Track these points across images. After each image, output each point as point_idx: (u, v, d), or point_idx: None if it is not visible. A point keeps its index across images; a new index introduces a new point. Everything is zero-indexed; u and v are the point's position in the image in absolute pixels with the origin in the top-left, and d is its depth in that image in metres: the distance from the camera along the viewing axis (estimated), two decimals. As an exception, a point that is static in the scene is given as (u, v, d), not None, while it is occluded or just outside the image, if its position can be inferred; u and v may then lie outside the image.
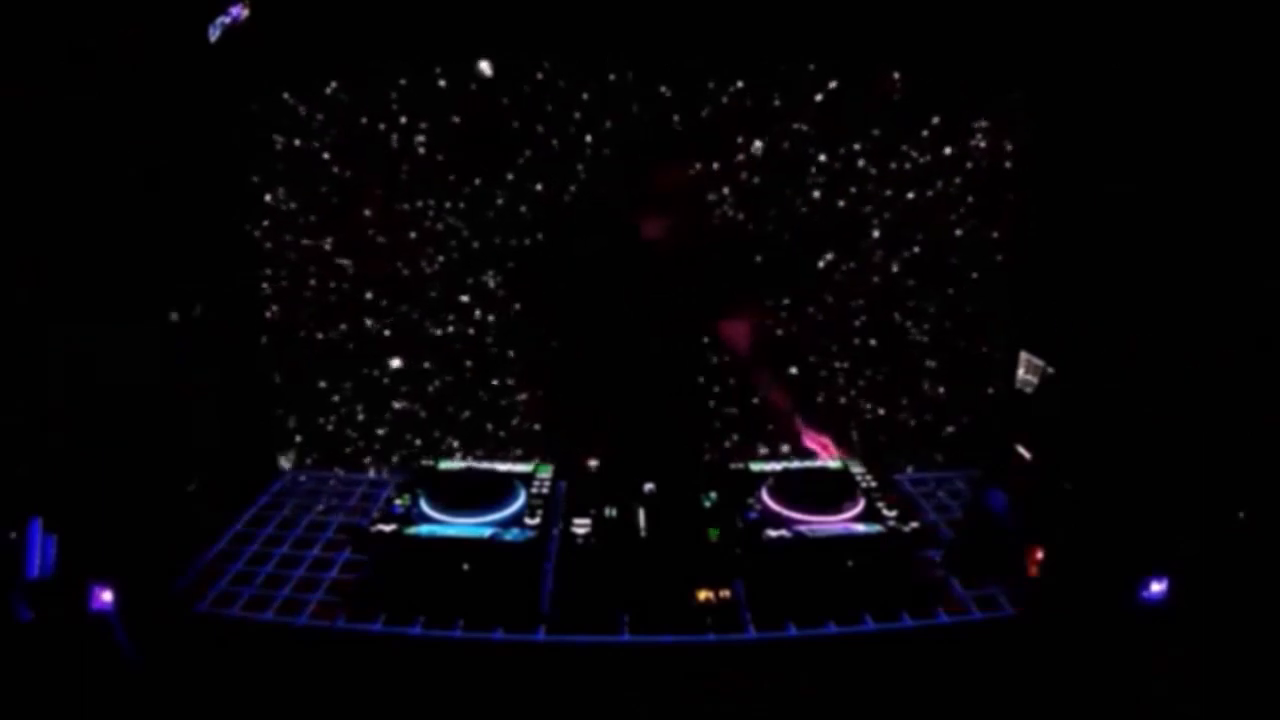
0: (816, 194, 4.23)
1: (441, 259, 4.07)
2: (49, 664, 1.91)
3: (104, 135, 2.67)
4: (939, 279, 4.02)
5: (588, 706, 1.92)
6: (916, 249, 4.08)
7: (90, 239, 2.66)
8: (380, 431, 3.99)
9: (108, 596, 1.91)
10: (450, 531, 2.06)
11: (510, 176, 4.11)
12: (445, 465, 2.41)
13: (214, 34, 2.68)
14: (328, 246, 3.81)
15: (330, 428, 3.70)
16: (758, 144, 3.81)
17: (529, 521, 2.12)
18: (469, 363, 4.29)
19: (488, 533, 2.05)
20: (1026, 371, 2.46)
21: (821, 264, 4.35)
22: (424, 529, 2.07)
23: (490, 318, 4.42)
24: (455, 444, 3.97)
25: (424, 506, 2.14)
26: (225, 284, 3.19)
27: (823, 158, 4.15)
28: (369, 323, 3.99)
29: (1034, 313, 3.52)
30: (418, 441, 3.61)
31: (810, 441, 2.64)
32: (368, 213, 3.92)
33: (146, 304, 2.75)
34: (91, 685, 1.91)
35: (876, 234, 4.19)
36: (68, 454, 2.24)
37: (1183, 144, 3.06)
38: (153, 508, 2.22)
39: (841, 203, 4.23)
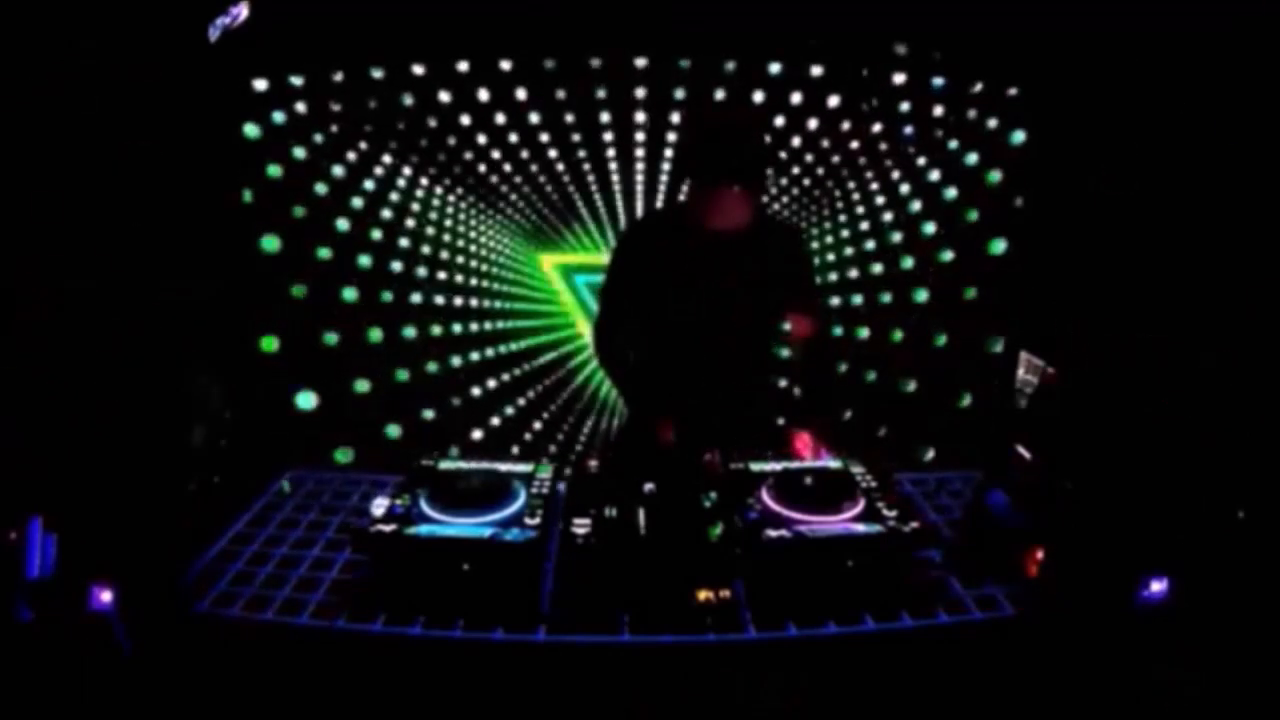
0: (819, 191, 4.25)
1: (427, 250, 4.09)
2: (49, 664, 1.91)
3: (106, 135, 2.67)
4: (944, 276, 4.03)
5: (588, 706, 1.92)
6: (925, 248, 4.09)
7: (91, 238, 2.66)
8: (376, 433, 4.00)
9: (108, 596, 1.91)
10: (450, 531, 2.06)
11: (509, 168, 4.13)
12: (445, 465, 2.41)
13: (214, 34, 2.69)
14: (321, 245, 3.83)
15: (321, 429, 3.72)
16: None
17: (529, 521, 2.12)
18: (458, 361, 4.31)
19: (488, 533, 2.04)
20: (1026, 371, 2.46)
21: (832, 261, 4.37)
22: (424, 529, 2.07)
23: (486, 322, 4.45)
24: (451, 449, 3.98)
25: (424, 506, 2.14)
26: (224, 283, 3.20)
27: (832, 157, 4.17)
28: (363, 324, 4.02)
29: (1034, 313, 3.52)
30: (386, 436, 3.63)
31: (800, 445, 2.64)
32: (357, 208, 3.94)
33: (148, 303, 2.75)
34: (91, 685, 1.91)
35: (887, 232, 4.21)
36: (68, 454, 2.24)
37: (1185, 144, 3.06)
38: (153, 508, 2.22)
39: (846, 198, 4.24)
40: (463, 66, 3.84)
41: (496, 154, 4.20)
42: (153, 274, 2.76)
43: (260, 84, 3.50)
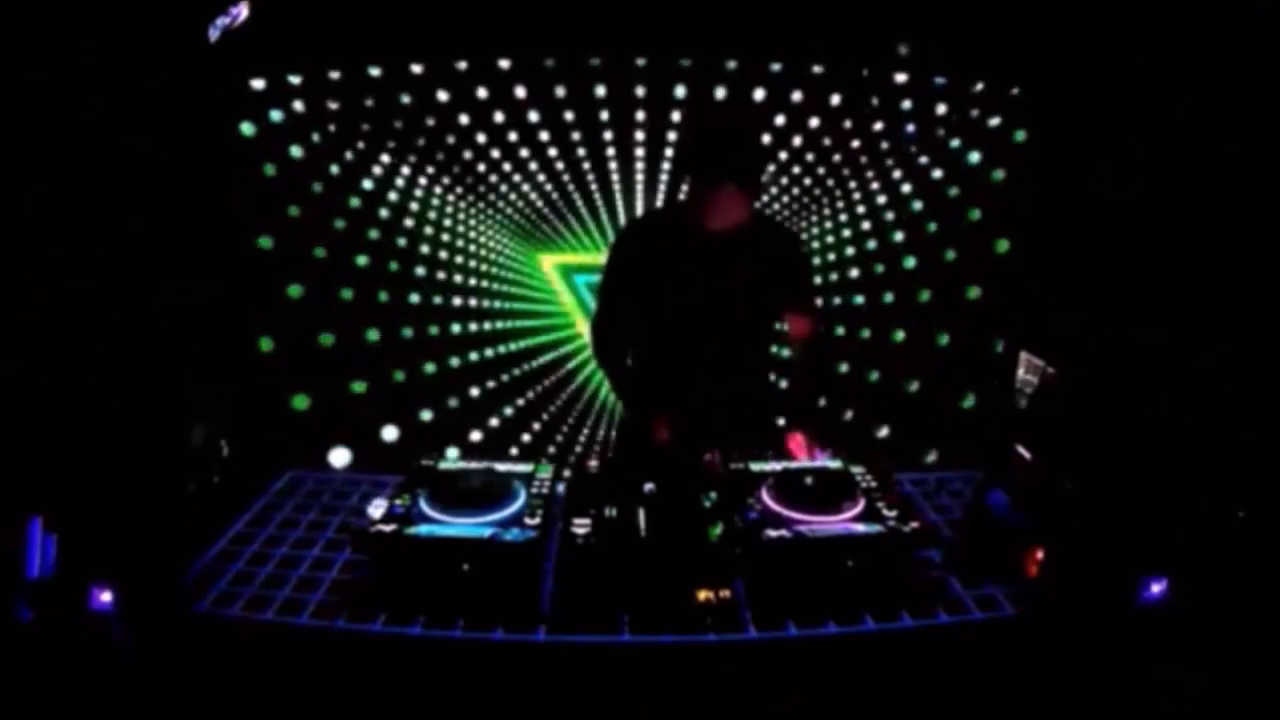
0: (818, 192, 4.25)
1: (426, 250, 4.09)
2: (49, 664, 1.91)
3: (105, 135, 2.67)
4: (945, 276, 4.03)
5: (588, 706, 1.92)
6: (923, 246, 4.10)
7: (91, 238, 2.66)
8: (374, 434, 4.00)
9: (108, 597, 1.91)
10: (450, 531, 2.06)
11: (508, 167, 4.13)
12: (445, 465, 2.41)
13: (214, 34, 2.68)
14: (317, 245, 3.84)
15: (320, 430, 3.72)
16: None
17: (529, 521, 2.11)
18: (455, 361, 4.31)
19: (488, 533, 2.04)
20: (1026, 371, 2.46)
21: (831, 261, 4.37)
22: (423, 529, 2.06)
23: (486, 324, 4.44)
24: (451, 451, 3.98)
25: (423, 506, 2.14)
26: (223, 283, 3.20)
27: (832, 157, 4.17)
28: (361, 325, 4.02)
29: (1034, 312, 3.52)
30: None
31: (794, 445, 2.64)
32: (356, 208, 3.94)
33: (149, 302, 2.75)
34: (91, 685, 1.91)
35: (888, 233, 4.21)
36: (68, 454, 2.24)
37: (1186, 141, 3.06)
38: (153, 508, 2.22)
39: (846, 198, 4.25)
40: (461, 65, 3.83)
41: (496, 153, 4.19)
42: (152, 274, 2.76)
43: (258, 83, 3.50)
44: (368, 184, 4.03)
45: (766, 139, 4.11)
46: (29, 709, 1.88)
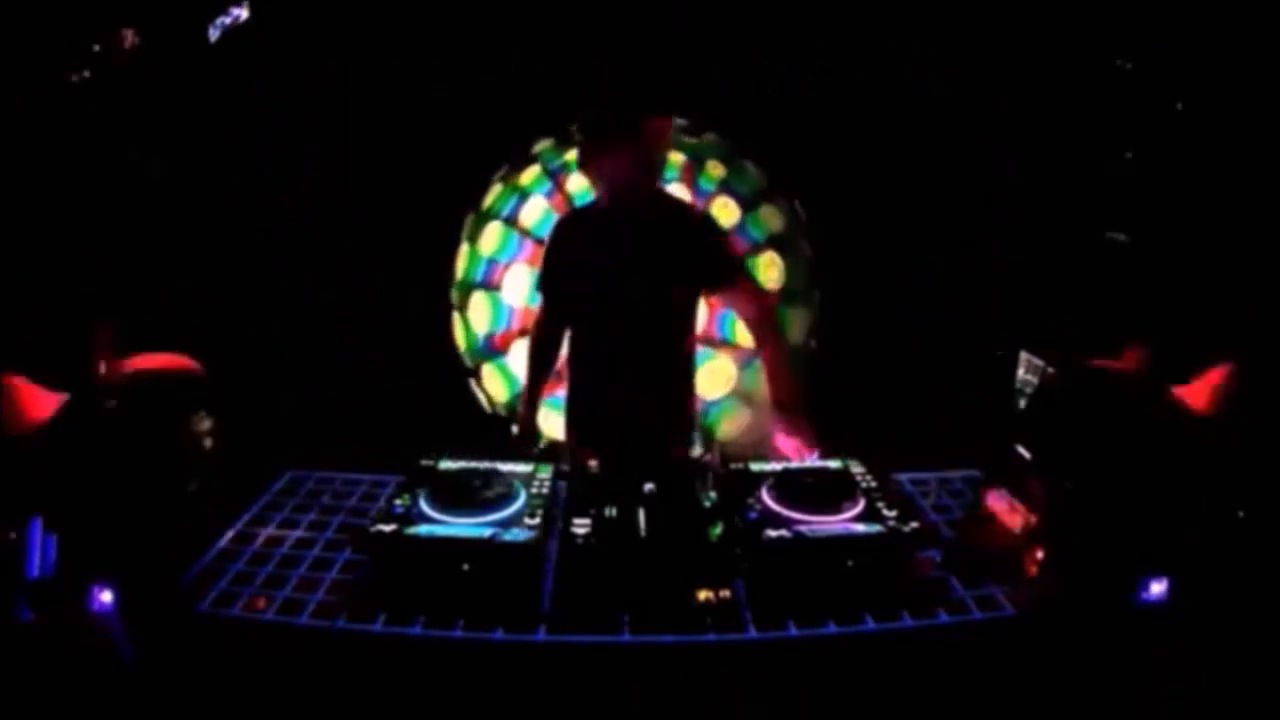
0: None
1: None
2: (49, 664, 1.91)
3: (102, 134, 2.67)
4: (944, 274, 4.03)
5: (588, 706, 1.92)
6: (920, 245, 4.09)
7: (88, 237, 2.66)
8: (367, 433, 4.00)
9: (108, 596, 1.91)
10: (450, 531, 2.06)
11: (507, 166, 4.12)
12: (445, 465, 2.41)
13: (214, 34, 2.69)
14: (314, 246, 3.83)
15: (317, 429, 3.72)
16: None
17: (529, 521, 2.12)
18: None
19: (488, 533, 2.04)
20: (1026, 371, 2.46)
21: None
22: (423, 529, 2.07)
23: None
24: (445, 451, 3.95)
25: (423, 506, 2.14)
26: (221, 282, 3.20)
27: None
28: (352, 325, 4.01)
29: (1034, 313, 3.52)
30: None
31: (783, 444, 2.65)
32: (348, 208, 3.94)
33: (147, 301, 2.75)
34: (91, 685, 1.91)
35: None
36: (68, 454, 2.24)
37: (1186, 140, 3.06)
38: (153, 508, 2.22)
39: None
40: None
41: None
42: (151, 275, 2.76)
43: (256, 81, 3.49)
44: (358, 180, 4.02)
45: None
46: (29, 709, 1.88)
